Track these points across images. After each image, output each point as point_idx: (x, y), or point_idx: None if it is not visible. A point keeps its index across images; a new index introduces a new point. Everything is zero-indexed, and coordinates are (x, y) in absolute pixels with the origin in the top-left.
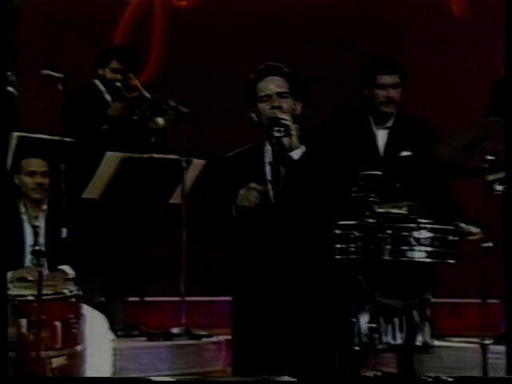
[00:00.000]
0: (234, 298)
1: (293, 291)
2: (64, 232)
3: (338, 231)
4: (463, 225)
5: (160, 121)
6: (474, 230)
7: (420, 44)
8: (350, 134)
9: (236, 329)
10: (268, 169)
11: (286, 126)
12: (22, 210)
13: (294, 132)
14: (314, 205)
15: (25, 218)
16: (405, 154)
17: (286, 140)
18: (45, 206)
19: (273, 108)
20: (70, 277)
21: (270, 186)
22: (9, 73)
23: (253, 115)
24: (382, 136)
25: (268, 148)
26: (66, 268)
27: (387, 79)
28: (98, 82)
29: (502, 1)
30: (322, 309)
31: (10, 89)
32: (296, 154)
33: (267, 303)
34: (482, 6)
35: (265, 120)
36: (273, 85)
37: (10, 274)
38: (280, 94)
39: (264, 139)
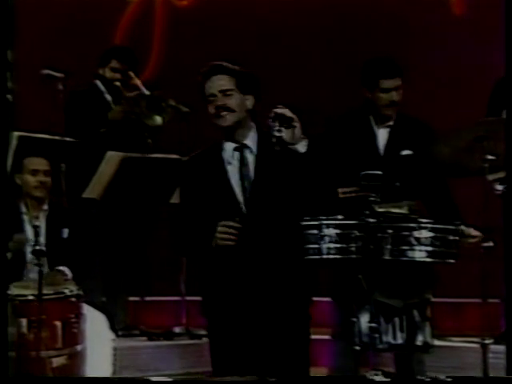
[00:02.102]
0: (207, 298)
1: (265, 290)
2: (65, 232)
3: (338, 231)
4: (463, 227)
5: (158, 119)
6: (473, 232)
7: (420, 43)
8: (349, 132)
9: (211, 330)
10: (232, 169)
11: (290, 119)
12: (23, 209)
13: (297, 124)
14: (285, 201)
15: (26, 218)
16: (405, 153)
17: (288, 132)
18: (46, 206)
19: (217, 108)
20: (68, 278)
21: (240, 186)
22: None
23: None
24: (382, 135)
25: (226, 147)
26: (65, 269)
27: (390, 83)
28: (98, 83)
29: (502, 0)
30: (293, 306)
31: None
32: (302, 147)
33: (240, 302)
34: (483, 5)
35: (212, 118)
36: (216, 84)
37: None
38: (224, 92)
39: (222, 139)
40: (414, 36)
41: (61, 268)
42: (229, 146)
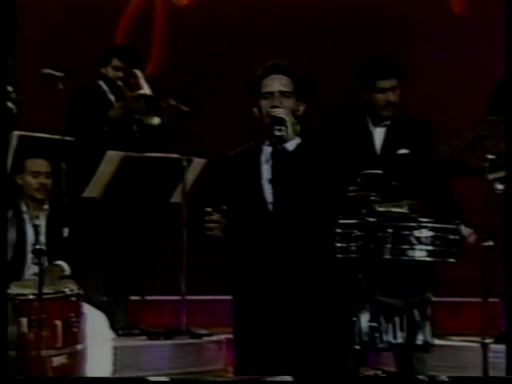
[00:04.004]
0: (235, 297)
1: (294, 289)
2: (65, 231)
3: (338, 230)
4: (463, 227)
5: (156, 119)
6: (471, 234)
7: (420, 43)
8: (346, 132)
9: (237, 328)
10: (265, 168)
11: (281, 119)
12: (24, 209)
13: (288, 124)
14: (310, 199)
15: (26, 217)
16: (402, 151)
17: (284, 132)
18: (46, 206)
19: (273, 106)
20: (67, 273)
21: (270, 186)
22: (9, 88)
23: (255, 110)
24: (379, 135)
25: (265, 147)
26: (63, 263)
27: (386, 84)
28: (101, 83)
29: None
30: (324, 307)
31: (10, 105)
32: (291, 146)
33: (268, 302)
34: (483, 4)
35: (265, 117)
36: (277, 83)
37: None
38: (283, 93)
39: (263, 137)
40: (414, 35)
41: (59, 262)
42: (267, 146)
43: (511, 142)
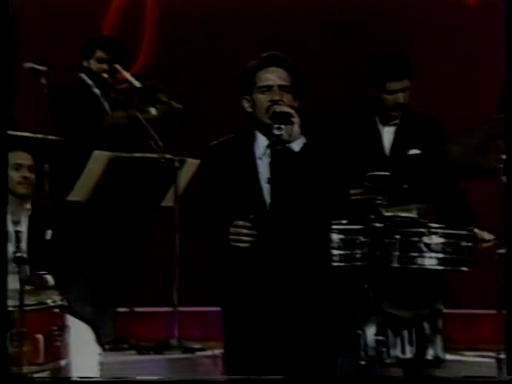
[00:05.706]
0: (229, 305)
1: (293, 299)
2: (48, 234)
3: (342, 236)
4: (477, 230)
5: (152, 111)
6: (487, 236)
7: (430, 36)
8: (353, 130)
9: (230, 341)
10: (262, 165)
11: (288, 114)
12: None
13: (295, 120)
14: (315, 202)
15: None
16: (413, 152)
17: (287, 129)
18: (28, 205)
19: (272, 101)
20: (50, 285)
21: (269, 185)
22: None
23: (246, 105)
24: (387, 134)
25: (260, 140)
26: (46, 275)
27: (397, 85)
28: (84, 76)
29: None
30: (325, 316)
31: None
32: (297, 146)
33: (265, 310)
34: None
35: (260, 112)
36: (275, 76)
37: None
38: (282, 87)
39: (254, 130)
40: (424, 28)
41: (42, 274)
42: (262, 141)
43: (511, 143)
